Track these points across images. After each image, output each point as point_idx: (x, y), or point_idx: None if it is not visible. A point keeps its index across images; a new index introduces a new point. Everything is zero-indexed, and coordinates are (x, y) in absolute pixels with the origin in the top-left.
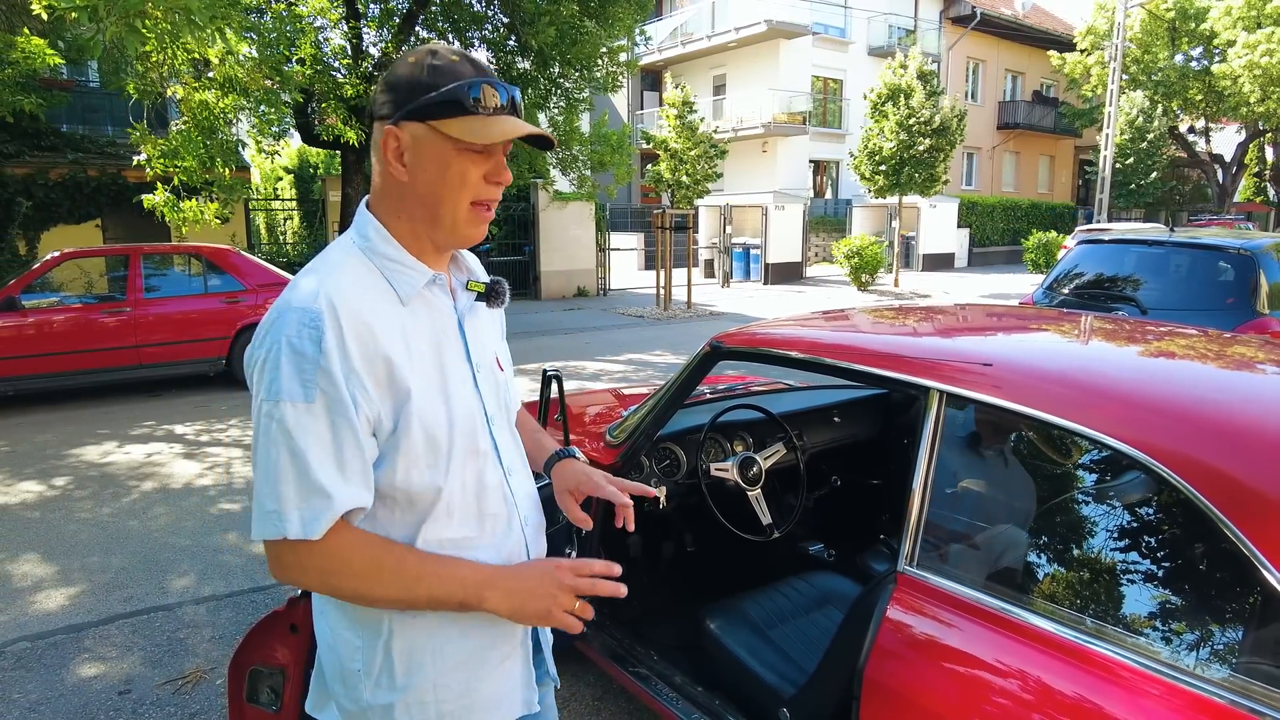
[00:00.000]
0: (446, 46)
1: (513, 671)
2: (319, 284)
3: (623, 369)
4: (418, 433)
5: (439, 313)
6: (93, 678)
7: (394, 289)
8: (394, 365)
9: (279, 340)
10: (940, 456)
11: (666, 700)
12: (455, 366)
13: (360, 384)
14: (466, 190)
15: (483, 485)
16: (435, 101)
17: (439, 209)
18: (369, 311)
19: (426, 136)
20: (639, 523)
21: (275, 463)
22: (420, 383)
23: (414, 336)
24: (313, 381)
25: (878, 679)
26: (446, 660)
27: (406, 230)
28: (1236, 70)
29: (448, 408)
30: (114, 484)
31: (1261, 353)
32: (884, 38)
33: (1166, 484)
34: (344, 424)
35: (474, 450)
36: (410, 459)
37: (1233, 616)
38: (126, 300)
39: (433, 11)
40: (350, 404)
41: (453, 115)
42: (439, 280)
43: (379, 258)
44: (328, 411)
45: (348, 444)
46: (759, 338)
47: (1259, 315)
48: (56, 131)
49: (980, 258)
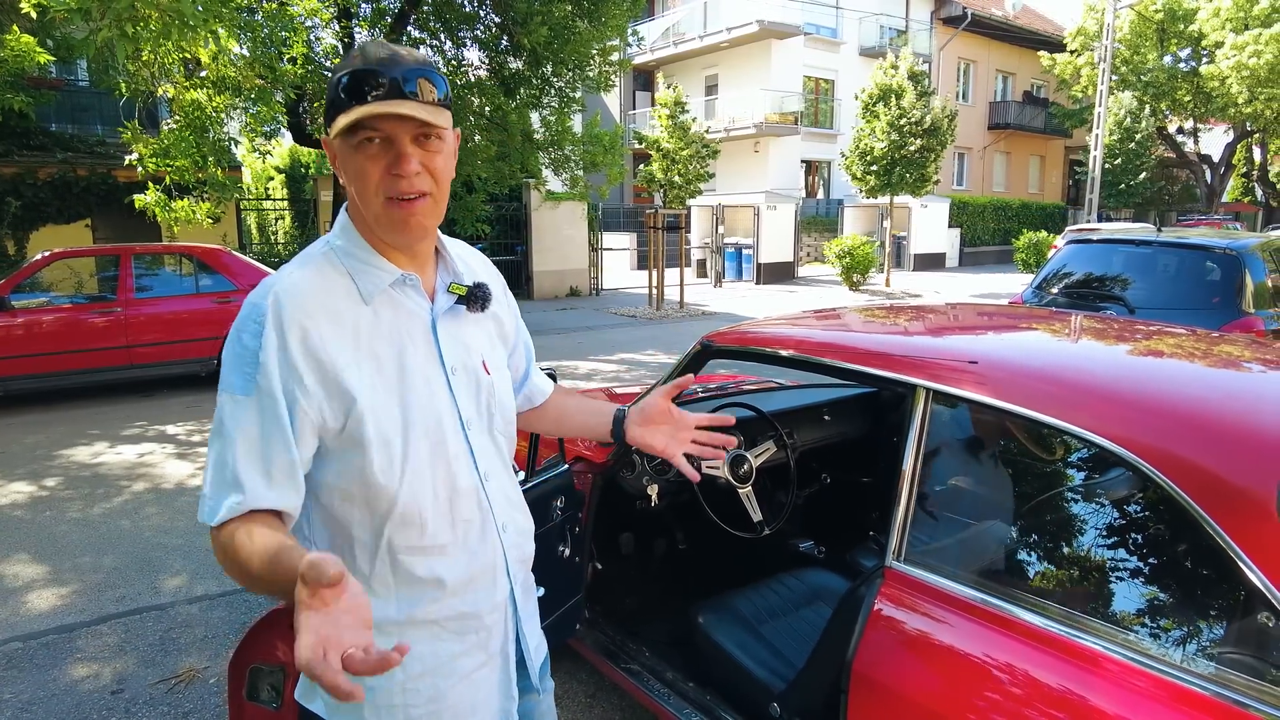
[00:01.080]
0: (366, 43)
1: (488, 680)
2: (274, 281)
3: (615, 369)
4: (370, 433)
5: (407, 313)
6: (85, 678)
7: (357, 288)
8: (339, 365)
9: (232, 334)
10: (926, 453)
11: (659, 696)
12: (421, 368)
13: (300, 382)
14: (371, 188)
15: (455, 490)
16: (327, 107)
17: (365, 210)
18: (321, 310)
19: (334, 143)
20: (631, 519)
21: (212, 450)
22: (371, 383)
23: (372, 336)
24: (251, 375)
25: (866, 673)
26: (415, 665)
27: (367, 232)
28: (1224, 71)
29: (403, 410)
30: (105, 484)
31: (1246, 351)
32: (875, 38)
33: (1149, 480)
34: (274, 421)
35: (442, 455)
36: (363, 459)
37: (1215, 610)
38: (117, 300)
39: (424, 11)
40: (283, 401)
41: (335, 116)
42: (410, 280)
43: (347, 257)
44: (259, 407)
45: (276, 441)
46: (748, 336)
47: (1244, 314)
48: (45, 131)
49: (971, 257)
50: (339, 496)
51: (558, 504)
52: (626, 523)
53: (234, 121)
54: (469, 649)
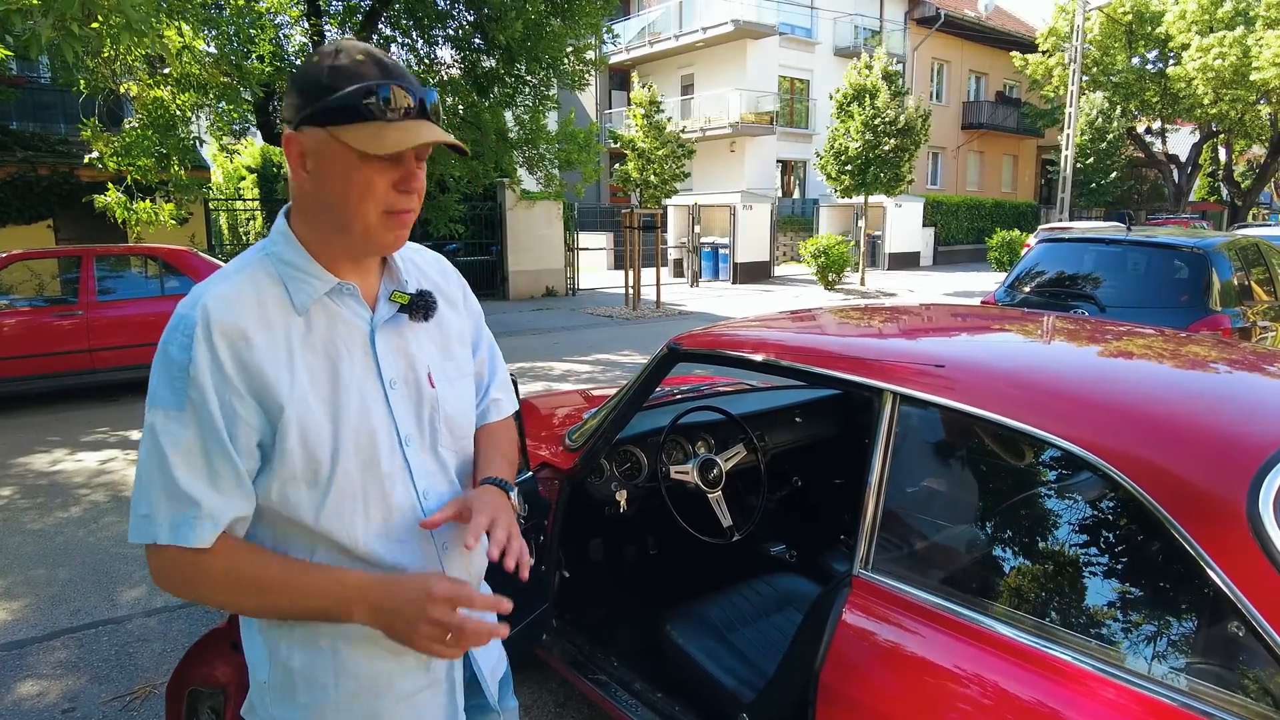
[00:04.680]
0: (355, 43)
1: (432, 704)
2: (203, 291)
3: (590, 369)
4: (295, 448)
5: (344, 324)
6: (35, 695)
7: (289, 297)
8: (268, 378)
9: (161, 347)
10: (894, 459)
11: (626, 707)
12: (356, 381)
13: (236, 392)
14: (373, 201)
15: (388, 509)
16: (334, 106)
17: (347, 218)
18: (250, 320)
19: (327, 143)
20: (599, 526)
21: (147, 469)
22: (301, 396)
23: (304, 348)
24: (182, 389)
25: (833, 684)
26: (350, 684)
27: (317, 238)
28: (1190, 73)
29: (334, 424)
30: (63, 493)
31: (1214, 352)
32: (850, 38)
33: (1118, 486)
34: (212, 433)
35: (374, 473)
36: (286, 475)
37: (1183, 618)
38: (78, 303)
39: (395, 9)
40: (218, 414)
41: (352, 121)
42: (347, 289)
43: (281, 264)
44: (197, 420)
45: (216, 453)
46: (716, 339)
47: (1212, 312)
48: (5, 129)
49: (945, 256)
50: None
51: (520, 513)
52: (595, 529)
53: (201, 120)
54: (407, 670)
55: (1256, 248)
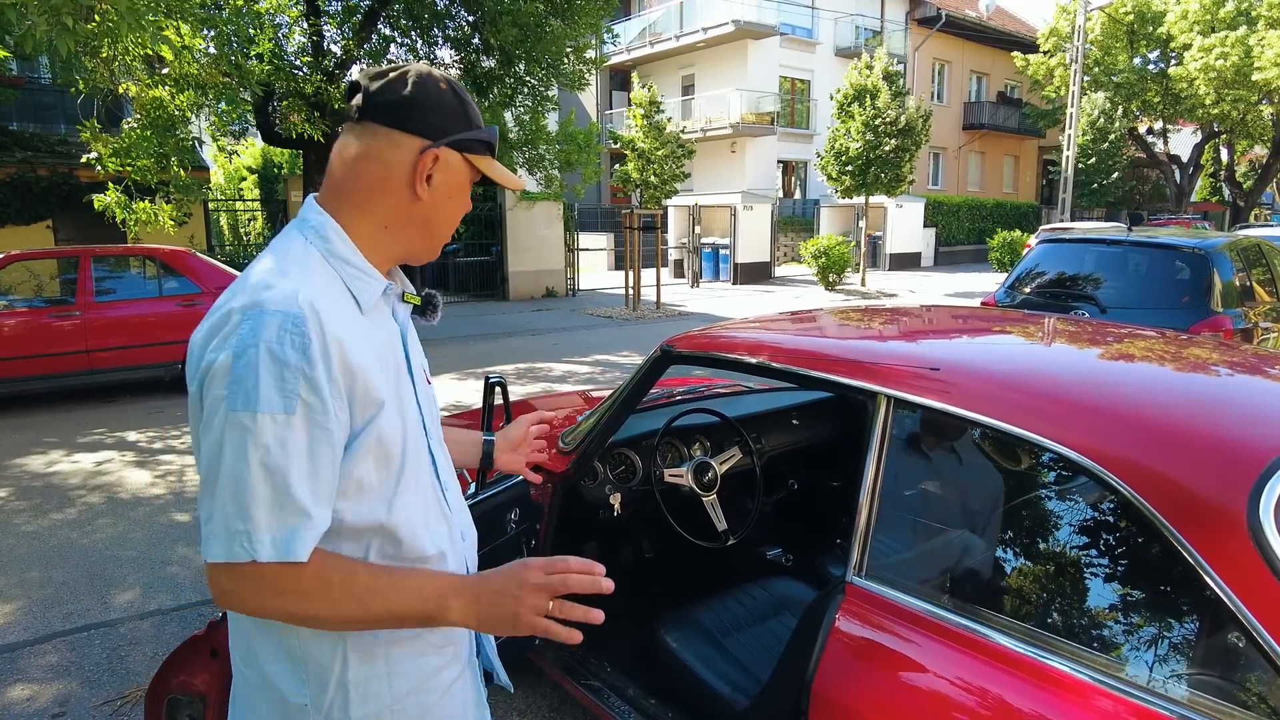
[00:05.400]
0: (441, 73)
1: (463, 692)
2: (297, 285)
3: (590, 370)
4: (373, 447)
5: (391, 323)
6: (25, 699)
7: (354, 297)
8: (368, 376)
9: (254, 345)
10: (888, 463)
11: (619, 713)
12: (405, 379)
13: (340, 396)
14: (454, 223)
15: (428, 502)
16: (482, 139)
17: (439, 232)
18: (339, 319)
19: (459, 167)
20: (593, 530)
21: (245, 480)
22: (388, 393)
23: (379, 346)
24: (294, 392)
25: (826, 693)
26: (402, 685)
27: (388, 239)
28: (1192, 73)
29: (403, 420)
30: (58, 495)
31: (1214, 355)
32: (851, 38)
33: (1115, 493)
34: (323, 438)
35: (418, 466)
36: (361, 474)
37: (1181, 627)
38: (76, 304)
39: (395, 10)
40: (332, 417)
41: (484, 153)
42: (391, 290)
43: (339, 262)
44: (308, 424)
45: (324, 460)
46: (710, 341)
47: (1213, 313)
48: (5, 129)
49: (946, 257)
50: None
51: (512, 516)
52: (589, 533)
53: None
54: (448, 661)
55: (1258, 248)
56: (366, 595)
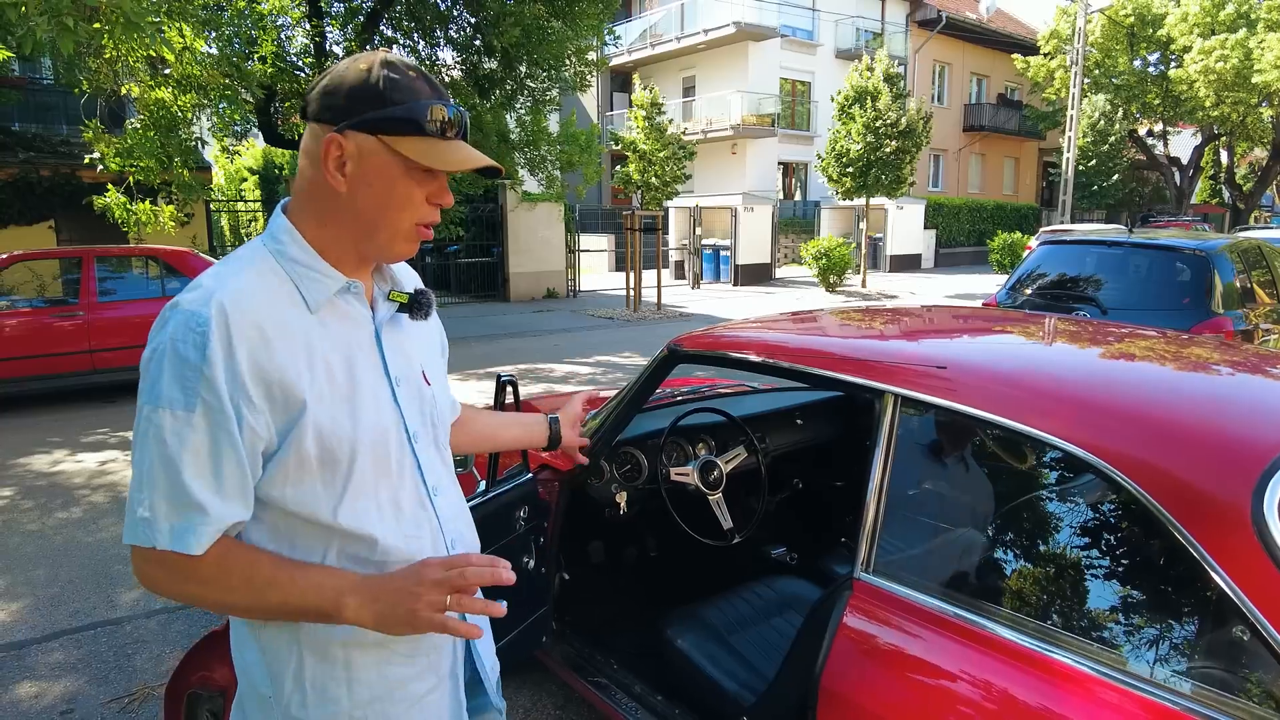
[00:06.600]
0: (399, 58)
1: (439, 704)
2: (214, 287)
3: (591, 371)
4: (311, 447)
5: (353, 322)
6: (33, 697)
7: (302, 296)
8: (288, 378)
9: (164, 343)
10: (895, 461)
11: (625, 710)
12: (369, 380)
13: (247, 396)
14: (409, 211)
15: (400, 507)
16: (393, 117)
17: (377, 225)
18: (268, 319)
19: (375, 151)
20: (600, 528)
21: (149, 471)
22: (320, 395)
23: (321, 346)
24: (194, 390)
25: (834, 688)
26: (363, 692)
27: (329, 236)
28: (1192, 75)
29: (353, 422)
30: (63, 494)
31: (1217, 354)
32: (851, 40)
33: (1121, 488)
34: (224, 436)
35: (386, 470)
36: (301, 474)
37: (1186, 622)
38: (79, 304)
39: (397, 11)
40: (233, 416)
41: (408, 134)
42: (354, 289)
43: (289, 262)
44: (208, 422)
45: (227, 457)
46: (716, 340)
47: (1214, 315)
48: (7, 130)
49: (947, 258)
50: (280, 513)
51: (521, 514)
52: (595, 531)
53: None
54: (420, 672)
55: (1258, 250)
56: (265, 588)
